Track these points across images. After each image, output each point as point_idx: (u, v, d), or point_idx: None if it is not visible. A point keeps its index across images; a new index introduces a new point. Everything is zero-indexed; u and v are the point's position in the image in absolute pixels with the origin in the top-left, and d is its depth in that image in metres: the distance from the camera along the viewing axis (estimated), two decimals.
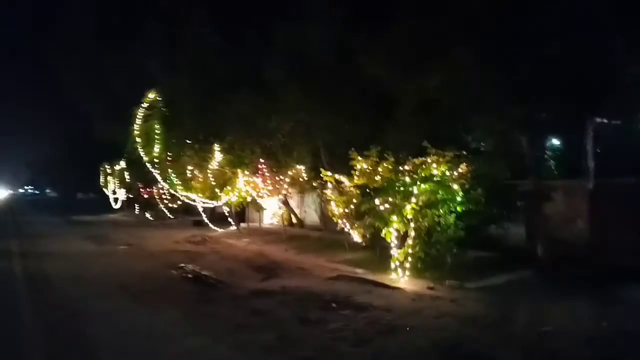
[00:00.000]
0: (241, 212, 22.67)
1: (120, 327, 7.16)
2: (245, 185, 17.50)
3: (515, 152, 11.28)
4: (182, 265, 12.34)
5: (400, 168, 11.41)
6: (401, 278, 9.83)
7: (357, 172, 12.26)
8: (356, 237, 12.23)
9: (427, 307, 7.91)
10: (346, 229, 12.48)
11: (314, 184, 16.80)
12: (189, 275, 11.22)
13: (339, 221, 12.68)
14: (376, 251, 12.33)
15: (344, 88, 15.30)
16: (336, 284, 9.84)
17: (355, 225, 12.30)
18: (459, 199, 9.75)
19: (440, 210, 9.59)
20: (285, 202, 20.00)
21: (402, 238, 10.24)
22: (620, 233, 9.63)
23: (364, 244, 12.30)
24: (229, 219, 21.36)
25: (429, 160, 10.69)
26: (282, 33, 15.93)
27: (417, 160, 10.64)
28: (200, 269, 11.83)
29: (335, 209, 12.55)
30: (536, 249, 10.58)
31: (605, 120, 10.14)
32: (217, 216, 22.74)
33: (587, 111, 9.98)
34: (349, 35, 14.57)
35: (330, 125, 15.66)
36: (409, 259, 9.76)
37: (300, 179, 16.80)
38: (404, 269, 9.90)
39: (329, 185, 13.08)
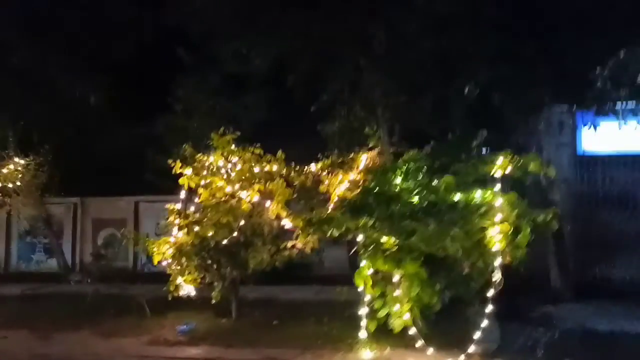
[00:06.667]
0: None
1: None
2: None
3: None
4: None
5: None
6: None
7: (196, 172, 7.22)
8: (188, 287, 7.18)
9: None
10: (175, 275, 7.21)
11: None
12: None
13: (165, 262, 7.20)
14: (229, 311, 7.36)
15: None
16: None
17: (192, 267, 7.24)
18: None
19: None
20: None
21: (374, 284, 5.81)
22: None
23: (195, 298, 7.37)
24: None
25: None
26: None
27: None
28: None
29: (173, 239, 7.08)
30: None
31: None
32: None
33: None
34: None
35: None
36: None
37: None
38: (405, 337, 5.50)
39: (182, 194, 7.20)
